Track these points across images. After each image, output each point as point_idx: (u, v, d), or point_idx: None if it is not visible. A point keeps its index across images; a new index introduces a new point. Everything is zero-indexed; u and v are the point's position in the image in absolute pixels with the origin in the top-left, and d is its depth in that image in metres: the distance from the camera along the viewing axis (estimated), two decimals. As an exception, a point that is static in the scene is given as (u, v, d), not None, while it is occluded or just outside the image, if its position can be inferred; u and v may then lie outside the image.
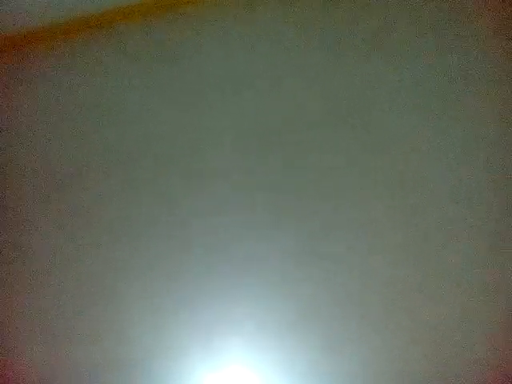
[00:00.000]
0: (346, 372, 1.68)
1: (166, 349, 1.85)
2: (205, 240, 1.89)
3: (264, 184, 1.87)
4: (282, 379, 1.73)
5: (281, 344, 1.75)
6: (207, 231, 1.89)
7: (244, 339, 1.78)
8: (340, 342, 1.70)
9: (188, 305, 1.86)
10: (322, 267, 1.76)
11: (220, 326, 1.81)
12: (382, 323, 1.67)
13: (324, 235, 1.78)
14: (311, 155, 1.85)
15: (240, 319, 1.80)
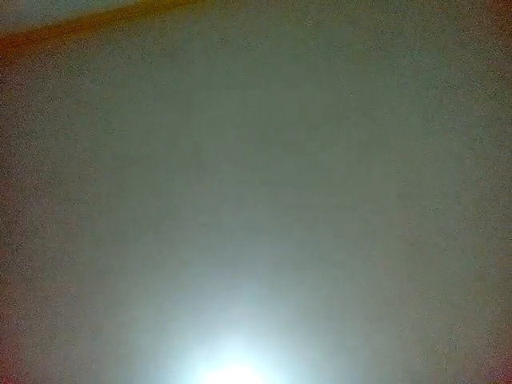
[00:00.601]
0: (347, 372, 1.68)
1: (168, 349, 1.85)
2: (206, 240, 1.89)
3: (264, 184, 1.87)
4: (283, 379, 1.73)
5: (281, 344, 1.75)
6: (208, 232, 1.89)
7: (245, 339, 1.78)
8: (340, 342, 1.70)
9: (189, 305, 1.86)
10: (323, 268, 1.76)
11: (221, 326, 1.81)
12: (382, 324, 1.67)
13: (325, 235, 1.78)
14: (313, 154, 1.84)
15: (241, 319, 1.80)
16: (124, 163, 2.04)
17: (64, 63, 2.20)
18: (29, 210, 2.12)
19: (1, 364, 2.00)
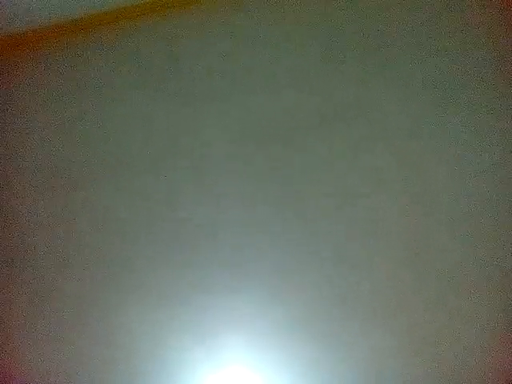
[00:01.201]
0: (347, 372, 1.68)
1: (167, 349, 1.85)
2: (206, 241, 1.89)
3: (265, 186, 1.87)
4: (283, 379, 1.73)
5: (281, 344, 1.75)
6: (208, 232, 1.89)
7: (245, 339, 1.78)
8: (340, 342, 1.70)
9: (189, 305, 1.86)
10: (323, 268, 1.76)
11: (221, 327, 1.81)
12: (382, 323, 1.67)
13: (325, 235, 1.78)
14: (313, 154, 1.85)
15: (241, 320, 1.80)
16: (125, 163, 2.04)
17: (64, 63, 2.20)
18: (30, 211, 2.12)
19: (1, 365, 2.00)
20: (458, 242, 1.67)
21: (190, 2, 2.09)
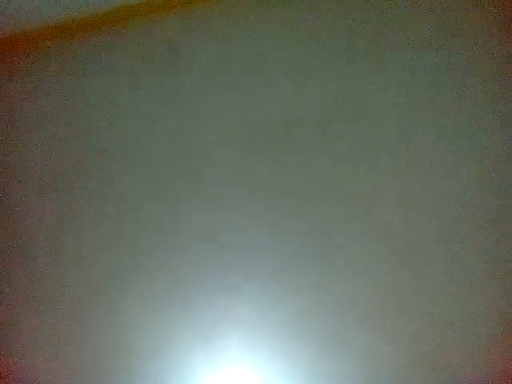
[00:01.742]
0: (346, 372, 1.68)
1: (167, 350, 1.85)
2: (205, 242, 1.89)
3: (263, 188, 1.87)
4: (282, 380, 1.73)
5: (281, 345, 1.75)
6: (208, 233, 1.90)
7: (244, 340, 1.79)
8: (340, 343, 1.70)
9: (188, 306, 1.86)
10: (322, 268, 1.76)
11: (220, 328, 1.81)
12: (382, 324, 1.67)
13: (324, 235, 1.78)
14: (311, 157, 1.85)
15: (240, 320, 1.80)
16: (125, 164, 2.04)
17: (64, 63, 2.20)
18: (30, 212, 2.12)
19: (2, 366, 2.01)
20: (458, 242, 1.66)
21: (189, 2, 2.09)
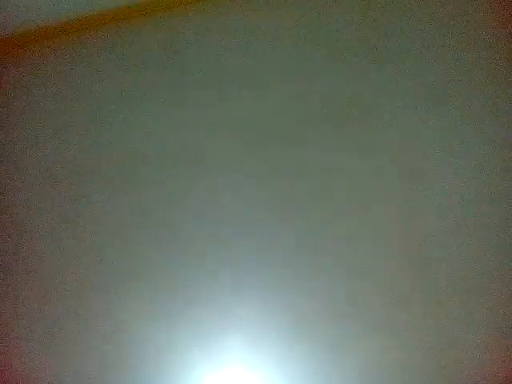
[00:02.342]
0: (346, 372, 1.68)
1: (167, 350, 1.85)
2: (205, 242, 1.89)
3: (264, 185, 1.87)
4: (282, 380, 1.73)
5: (281, 345, 1.75)
6: (208, 233, 1.90)
7: (244, 340, 1.79)
8: (340, 343, 1.70)
9: (188, 307, 1.86)
10: (323, 268, 1.76)
11: (220, 328, 1.81)
12: (382, 324, 1.67)
13: (325, 235, 1.78)
14: (311, 155, 1.84)
15: (240, 321, 1.80)
16: (125, 164, 2.04)
17: (64, 63, 2.20)
18: (31, 212, 2.12)
19: (2, 367, 2.01)
20: (458, 243, 1.66)
21: (189, 2, 2.09)
